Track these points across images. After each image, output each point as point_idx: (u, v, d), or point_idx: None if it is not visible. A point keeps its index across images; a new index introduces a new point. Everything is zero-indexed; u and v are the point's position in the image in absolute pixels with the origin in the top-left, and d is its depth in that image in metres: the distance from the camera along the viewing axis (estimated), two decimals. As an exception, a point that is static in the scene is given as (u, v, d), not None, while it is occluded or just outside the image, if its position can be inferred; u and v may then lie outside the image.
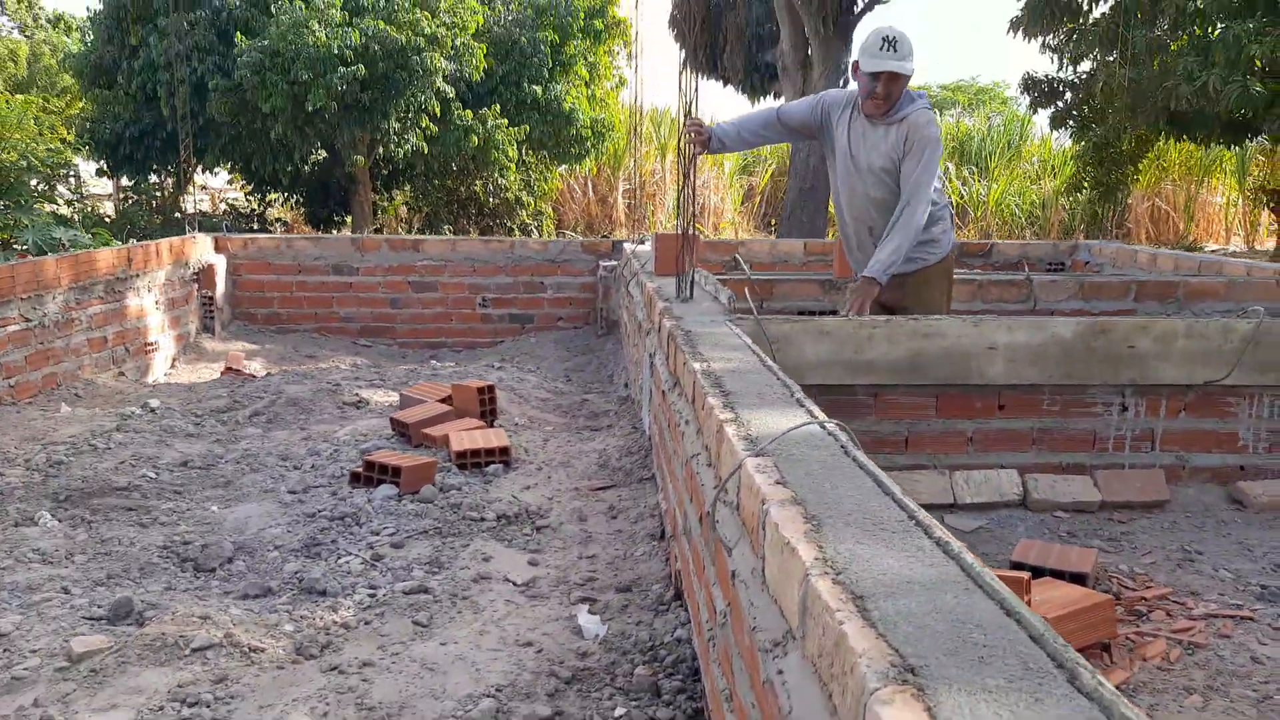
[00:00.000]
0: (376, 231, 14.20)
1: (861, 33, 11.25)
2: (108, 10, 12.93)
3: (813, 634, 1.36)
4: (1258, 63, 9.29)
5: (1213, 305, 5.08)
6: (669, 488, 3.26)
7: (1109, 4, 10.75)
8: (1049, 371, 3.66)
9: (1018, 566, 2.97)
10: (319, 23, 11.64)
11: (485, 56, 13.17)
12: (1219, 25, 9.78)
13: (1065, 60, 11.73)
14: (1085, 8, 10.87)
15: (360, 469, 3.56)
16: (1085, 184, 12.55)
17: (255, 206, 15.59)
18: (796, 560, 1.46)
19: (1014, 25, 10.96)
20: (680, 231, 4.36)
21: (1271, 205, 11.32)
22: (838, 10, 10.40)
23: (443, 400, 4.48)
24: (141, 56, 12.42)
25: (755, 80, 12.08)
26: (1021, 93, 12.57)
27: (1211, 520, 3.55)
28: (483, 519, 3.28)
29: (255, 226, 14.92)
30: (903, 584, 1.35)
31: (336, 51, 11.62)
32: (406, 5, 12.30)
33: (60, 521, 3.31)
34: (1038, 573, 2.93)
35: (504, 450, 3.89)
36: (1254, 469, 3.75)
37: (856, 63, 3.80)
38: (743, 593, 1.81)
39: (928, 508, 3.59)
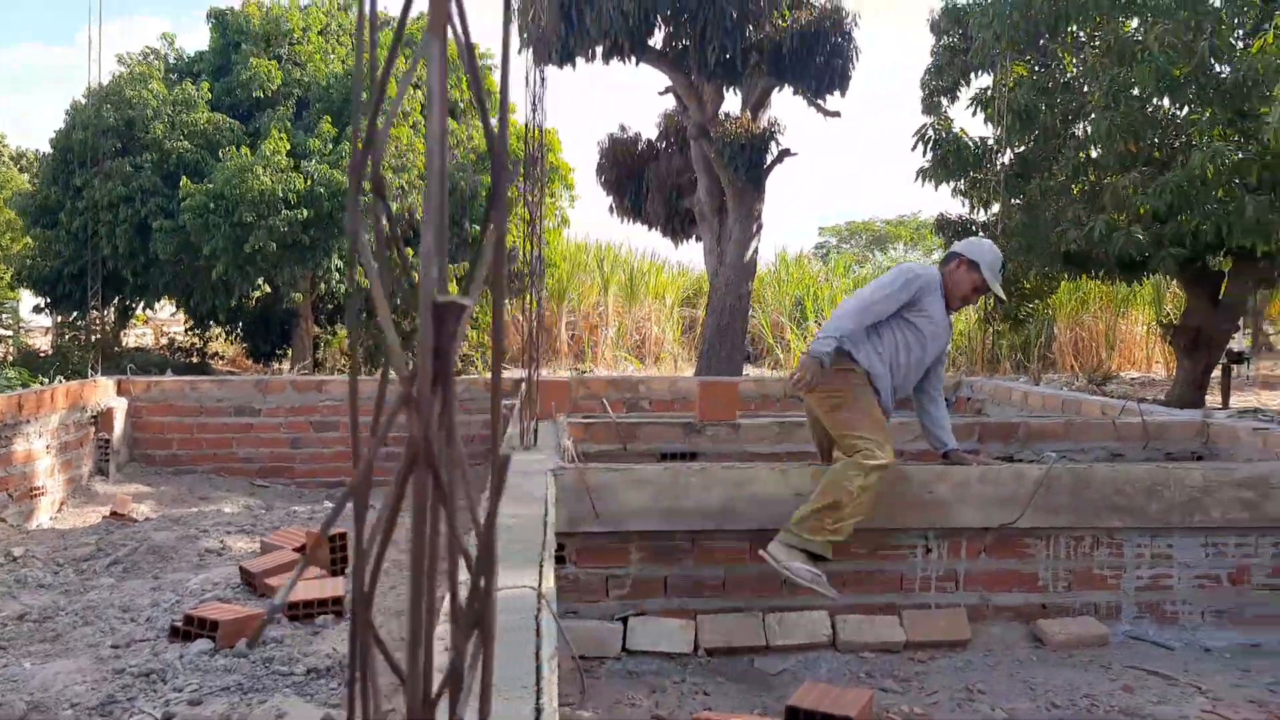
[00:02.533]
0: (316, 365, 14.43)
1: (773, 183, 11.88)
2: (56, 154, 13.44)
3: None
4: (1142, 210, 9.91)
5: (1053, 445, 5.34)
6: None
7: (1007, 157, 11.44)
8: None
9: (793, 710, 3.09)
10: (264, 168, 12.15)
11: (426, 198, 13.72)
12: (1107, 177, 10.44)
13: (974, 203, 12.40)
14: (985, 161, 11.56)
15: (180, 624, 3.64)
16: (993, 318, 13.07)
17: (196, 341, 15.82)
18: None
19: (921, 174, 11.62)
20: (526, 380, 4.59)
21: (1167, 338, 11.84)
22: (749, 162, 11.00)
23: (298, 548, 4.59)
24: (85, 197, 12.85)
25: (675, 224, 12.66)
26: (936, 233, 13.20)
27: (1008, 659, 3.70)
28: (291, 673, 3.37)
29: (195, 360, 15.11)
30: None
31: (281, 195, 12.09)
32: (349, 150, 12.90)
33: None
34: (810, 717, 3.05)
35: (336, 600, 3.99)
36: (1055, 607, 3.93)
37: (967, 261, 4.06)
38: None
39: (739, 650, 3.74)
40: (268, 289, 13.88)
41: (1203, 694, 3.32)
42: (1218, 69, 10.34)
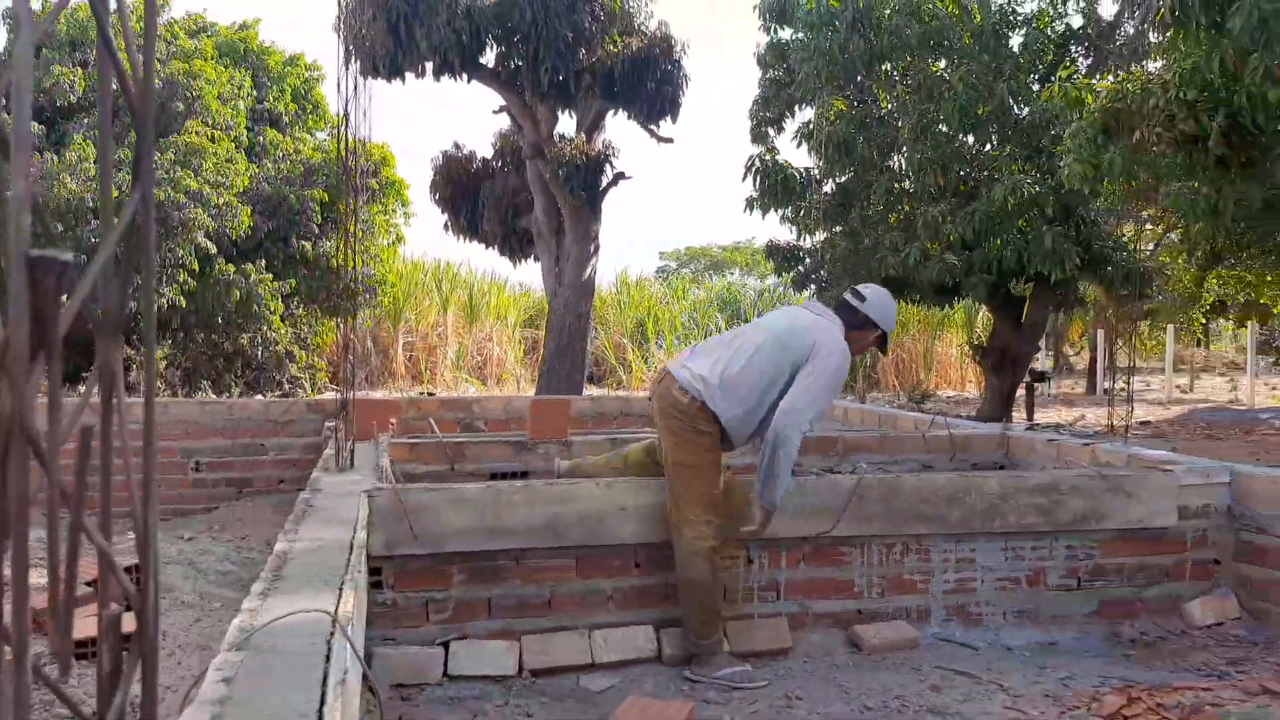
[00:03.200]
0: (128, 388, 13.47)
1: (614, 206, 11.99)
2: None
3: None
4: (952, 238, 10.57)
5: (868, 457, 5.57)
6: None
7: (828, 187, 11.99)
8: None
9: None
10: (70, 175, 11.31)
11: (252, 214, 13.10)
12: (919, 207, 11.09)
13: (800, 230, 12.90)
14: (809, 191, 12.06)
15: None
16: (827, 339, 13.62)
17: (-10, 362, 14.49)
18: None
19: (749, 204, 12.00)
20: (341, 400, 4.42)
21: (975, 358, 12.67)
22: (584, 184, 11.08)
23: (90, 582, 4.23)
24: None
25: (513, 244, 12.59)
26: (766, 258, 13.64)
27: (825, 665, 3.80)
28: (77, 715, 3.08)
29: (-13, 384, 13.82)
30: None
31: (90, 205, 11.27)
32: (167, 162, 12.17)
33: None
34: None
35: (129, 636, 3.69)
36: (869, 613, 4.07)
37: (878, 331, 3.93)
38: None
39: (564, 669, 3.68)
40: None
41: (1004, 691, 3.50)
42: (1016, 109, 11.20)
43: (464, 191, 12.66)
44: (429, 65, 11.05)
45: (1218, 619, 3.84)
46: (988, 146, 11.58)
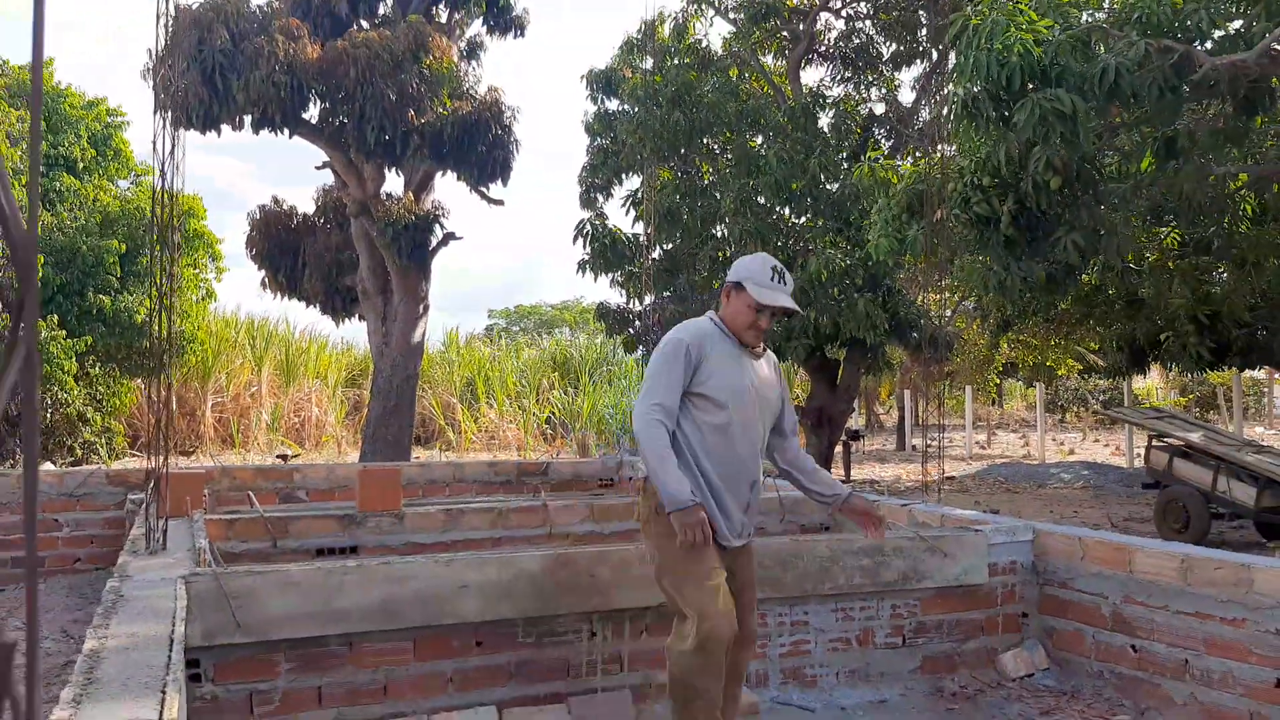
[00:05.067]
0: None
1: (440, 263, 11.88)
2: None
3: None
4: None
5: (703, 522, 5.67)
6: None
7: (657, 252, 12.32)
8: (522, 605, 3.82)
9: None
10: None
11: (43, 264, 12.10)
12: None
13: (630, 294, 13.17)
14: (638, 256, 12.37)
15: None
16: (656, 400, 13.86)
17: None
18: None
19: (581, 266, 12.16)
20: (150, 472, 4.11)
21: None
22: (412, 243, 10.92)
23: None
24: None
25: (336, 303, 12.20)
26: (597, 320, 13.82)
27: (666, 739, 3.80)
28: None
29: None
30: None
31: None
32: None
33: None
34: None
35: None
36: (711, 681, 4.12)
37: (732, 285, 3.26)
38: None
39: (399, 759, 3.50)
40: None
41: (838, 750, 3.61)
42: (826, 185, 11.94)
43: (284, 248, 12.19)
44: (248, 118, 10.65)
45: (1029, 670, 4.13)
46: (802, 219, 12.26)
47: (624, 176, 13.18)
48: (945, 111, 10.17)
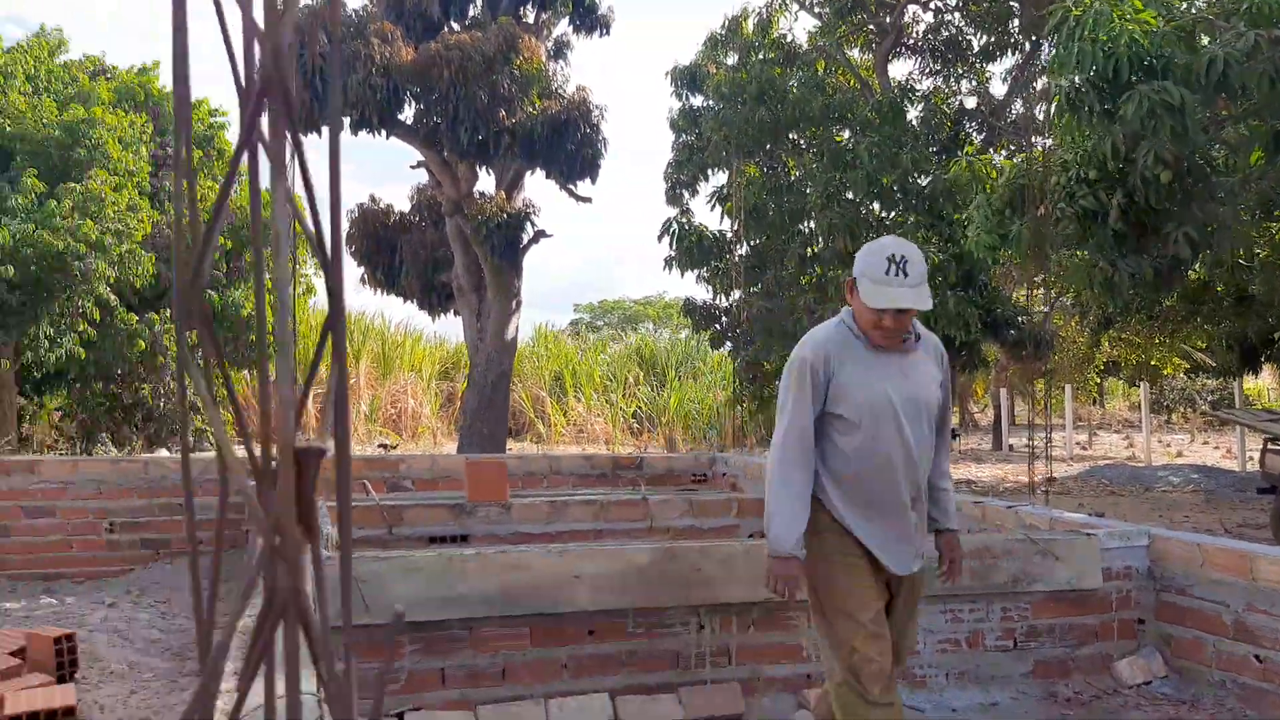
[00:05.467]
0: (21, 440, 12.79)
1: (531, 262, 12.11)
2: None
3: None
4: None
5: (802, 519, 5.70)
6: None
7: (744, 248, 12.34)
8: (631, 597, 3.92)
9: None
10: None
11: (155, 261, 12.71)
12: (830, 270, 11.52)
13: (717, 290, 13.21)
14: (726, 253, 12.42)
15: None
16: (743, 397, 13.89)
17: None
18: None
19: (668, 263, 12.25)
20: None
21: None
22: (505, 241, 11.15)
23: (15, 652, 4.02)
24: None
25: (433, 299, 12.53)
26: (683, 315, 13.90)
27: (780, 731, 3.87)
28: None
29: None
30: None
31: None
32: (66, 209, 11.72)
33: None
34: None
35: (69, 710, 3.52)
36: (819, 677, 4.16)
37: (853, 281, 2.88)
38: None
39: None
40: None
41: (946, 750, 3.62)
42: (918, 179, 11.78)
43: (381, 245, 12.57)
44: (346, 120, 11.00)
45: (1146, 677, 4.06)
46: (893, 214, 12.12)
47: (709, 172, 13.21)
48: (1045, 104, 9.95)
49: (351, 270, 12.73)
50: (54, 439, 13.70)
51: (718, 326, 13.75)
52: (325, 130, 11.08)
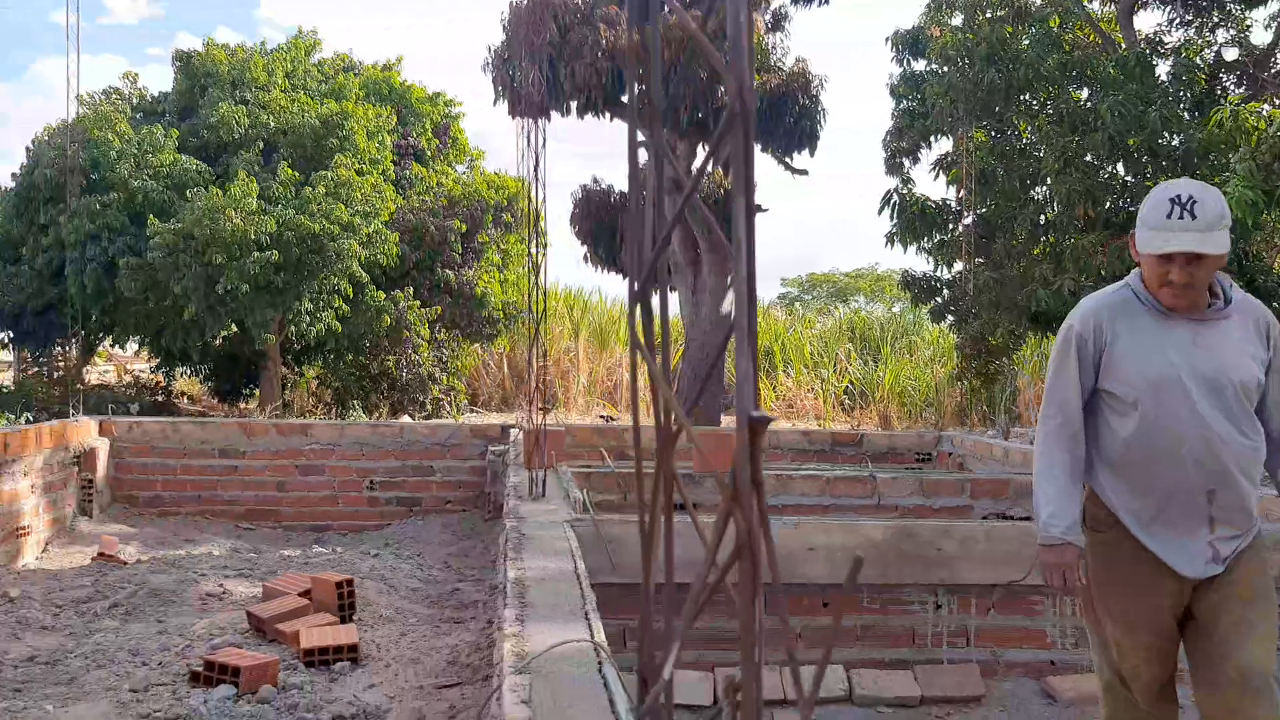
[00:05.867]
0: (285, 406, 14.26)
1: (749, 234, 12.17)
2: (19, 190, 13.25)
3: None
4: (1104, 271, 10.31)
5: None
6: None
7: (970, 218, 11.84)
8: (866, 571, 3.95)
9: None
10: (235, 209, 12.10)
11: (398, 243, 13.75)
12: (1066, 238, 10.86)
13: (939, 262, 12.76)
14: (950, 223, 11.97)
15: (200, 668, 3.61)
16: (967, 374, 13.39)
17: (160, 380, 15.57)
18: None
19: (889, 239, 11.97)
20: (535, 428, 4.64)
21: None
22: (720, 216, 11.25)
23: (303, 593, 4.55)
24: (50, 234, 12.66)
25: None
26: (901, 289, 13.54)
27: (1022, 715, 3.80)
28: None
29: (160, 400, 14.84)
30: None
31: (253, 237, 12.03)
32: (320, 195, 12.88)
33: (-115, 725, 3.28)
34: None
35: (352, 647, 3.97)
36: (1063, 664, 4.04)
37: (1132, 237, 2.58)
38: (494, 804, 1.99)
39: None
40: (235, 329, 13.75)
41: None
42: (1168, 139, 10.86)
43: (602, 224, 13.01)
44: (574, 104, 11.44)
45: None
46: (1138, 177, 11.25)
47: (932, 140, 12.75)
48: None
49: (566, 248, 13.22)
50: (311, 405, 15.17)
51: (938, 300, 13.28)
52: (554, 115, 11.62)
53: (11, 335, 13.39)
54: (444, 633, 4.66)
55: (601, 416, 15.15)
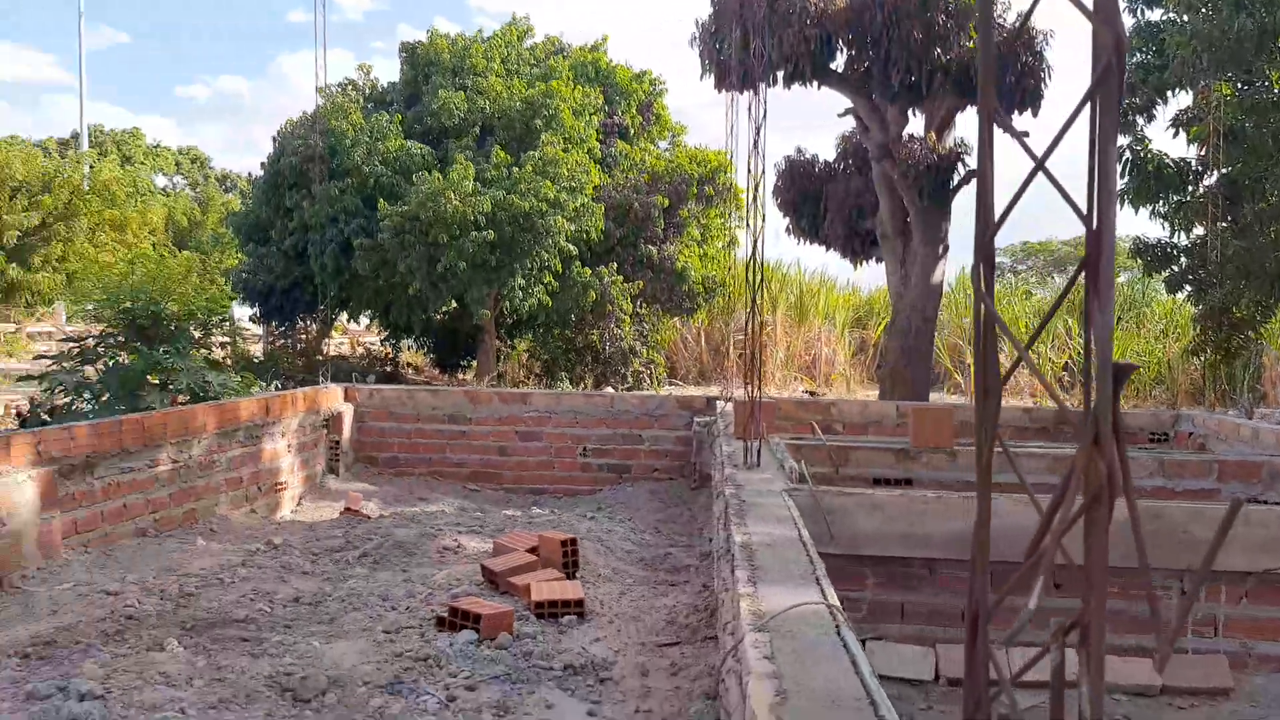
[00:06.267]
0: (499, 376, 15.04)
1: (960, 203, 11.68)
2: (267, 177, 14.57)
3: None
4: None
5: (1300, 487, 5.02)
6: (721, 649, 3.48)
7: (1214, 178, 10.84)
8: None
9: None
10: (454, 192, 12.81)
11: (605, 219, 14.12)
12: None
13: (1175, 227, 11.77)
14: (1190, 184, 11.00)
15: (446, 614, 3.91)
16: (1206, 348, 12.31)
17: (389, 351, 16.79)
18: (760, 726, 1.72)
19: (1120, 198, 11.14)
20: (749, 399, 4.68)
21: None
22: (934, 184, 10.83)
23: (530, 550, 4.83)
24: (295, 218, 13.86)
25: (855, 246, 12.56)
26: (1130, 257, 12.59)
27: (1276, 713, 3.51)
28: (550, 668, 3.56)
29: (389, 370, 16.01)
30: (837, 752, 1.59)
31: (471, 218, 12.71)
32: (529, 175, 13.40)
33: (185, 648, 3.76)
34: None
35: (579, 602, 4.18)
36: (1328, 662, 3.70)
37: None
38: (736, 752, 2.05)
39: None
40: (455, 305, 14.59)
41: None
42: None
43: (806, 195, 12.83)
44: (779, 74, 11.30)
45: None
46: None
47: (1169, 94, 11.72)
48: None
49: (775, 221, 13.14)
50: (522, 376, 15.91)
51: (1175, 269, 12.26)
52: (760, 86, 11.53)
53: (261, 311, 14.80)
54: (661, 594, 4.82)
55: (805, 391, 15.02)
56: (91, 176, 20.60)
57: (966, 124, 12.30)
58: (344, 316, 16.30)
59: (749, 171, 5.06)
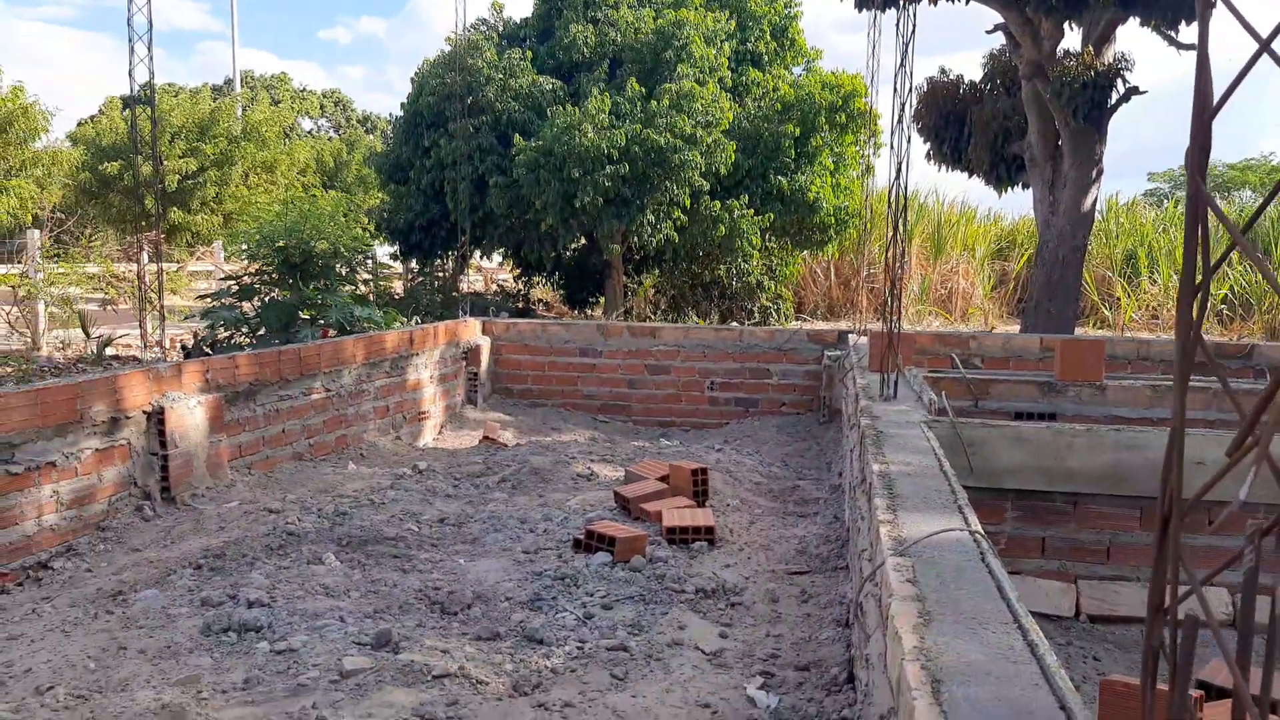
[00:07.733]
0: (627, 312, 15.17)
1: (1116, 124, 10.94)
2: (406, 117, 14.93)
3: (901, 710, 1.61)
4: None
5: None
6: (854, 577, 3.48)
7: None
8: (1269, 491, 3.54)
9: (1203, 685, 2.92)
10: (590, 125, 12.83)
11: (735, 151, 13.91)
12: None
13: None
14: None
15: (582, 536, 4.05)
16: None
17: (521, 288, 17.16)
18: (899, 647, 1.72)
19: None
20: (887, 330, 4.58)
21: None
22: (1090, 103, 10.16)
23: (661, 478, 4.92)
24: (432, 156, 14.19)
25: (1001, 171, 11.93)
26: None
27: None
28: (682, 591, 3.65)
29: (521, 305, 16.38)
30: (980, 674, 1.58)
31: (605, 152, 12.73)
32: (664, 108, 13.28)
33: (341, 563, 4.02)
34: (1224, 694, 2.88)
35: (709, 529, 4.24)
36: None
37: None
38: (871, 673, 2.06)
39: (1125, 620, 3.58)
40: (584, 241, 14.73)
41: None
42: None
43: (949, 118, 12.28)
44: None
45: None
46: None
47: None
48: None
49: (916, 146, 12.61)
50: (649, 311, 16.00)
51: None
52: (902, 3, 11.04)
53: (401, 249, 15.32)
54: (790, 524, 4.83)
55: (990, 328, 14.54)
56: (244, 119, 21.59)
57: (1127, 37, 11.46)
58: (477, 254, 16.70)
59: (895, 91, 4.87)
